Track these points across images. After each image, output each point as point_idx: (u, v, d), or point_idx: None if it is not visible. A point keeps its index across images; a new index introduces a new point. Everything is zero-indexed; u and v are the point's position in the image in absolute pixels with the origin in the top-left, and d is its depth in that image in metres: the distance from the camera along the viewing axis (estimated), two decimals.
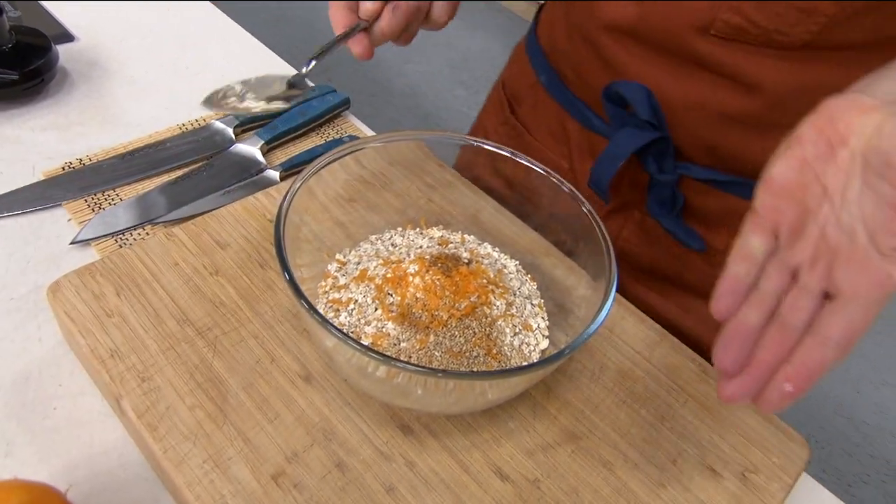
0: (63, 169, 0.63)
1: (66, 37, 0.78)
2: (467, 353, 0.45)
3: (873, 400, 1.77)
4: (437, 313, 0.46)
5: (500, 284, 0.50)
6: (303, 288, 0.40)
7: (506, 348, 0.47)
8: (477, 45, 2.74)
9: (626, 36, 0.55)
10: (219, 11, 0.90)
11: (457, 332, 0.46)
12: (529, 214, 0.56)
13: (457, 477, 0.43)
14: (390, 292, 0.47)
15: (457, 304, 0.46)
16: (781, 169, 0.33)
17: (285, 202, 0.44)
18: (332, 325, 0.38)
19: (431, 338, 0.45)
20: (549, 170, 0.52)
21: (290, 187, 0.46)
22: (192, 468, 0.40)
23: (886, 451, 1.69)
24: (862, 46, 0.48)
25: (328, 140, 0.72)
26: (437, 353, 0.45)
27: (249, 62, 0.82)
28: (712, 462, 0.47)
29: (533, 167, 0.52)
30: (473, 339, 0.46)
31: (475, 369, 0.45)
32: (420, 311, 0.46)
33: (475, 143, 0.54)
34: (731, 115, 0.53)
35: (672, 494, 0.45)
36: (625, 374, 0.51)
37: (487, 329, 0.47)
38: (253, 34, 0.88)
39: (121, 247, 0.57)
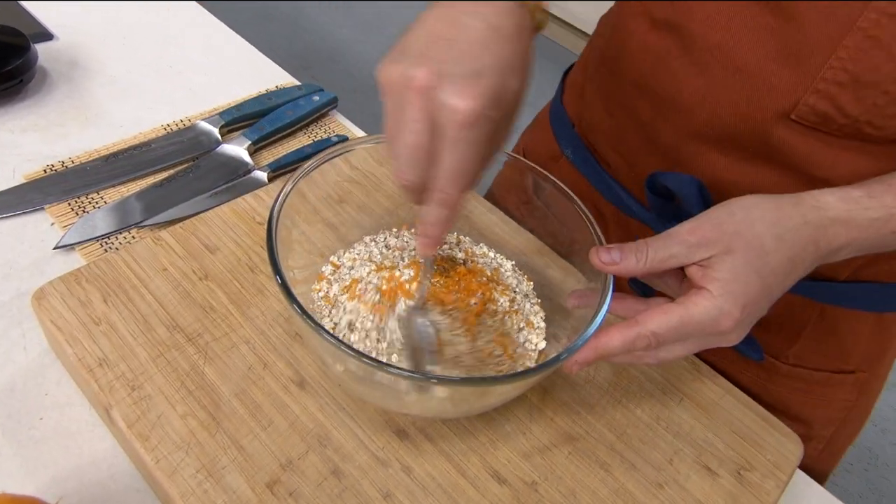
0: (44, 171, 0.61)
1: (45, 35, 0.76)
2: (489, 352, 0.45)
3: None
4: (452, 311, 0.45)
5: (500, 282, 0.50)
6: (296, 291, 0.39)
7: (519, 348, 0.47)
8: None
9: (688, 119, 0.50)
10: (202, 9, 0.88)
11: (480, 330, 0.45)
12: (525, 217, 0.55)
13: (454, 481, 0.43)
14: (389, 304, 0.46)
15: (469, 301, 0.46)
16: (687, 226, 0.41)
17: (276, 206, 0.44)
18: (324, 329, 0.37)
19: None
20: (550, 175, 0.50)
21: (282, 190, 0.45)
22: (185, 478, 0.40)
23: (867, 440, 1.71)
24: None
25: (316, 140, 0.72)
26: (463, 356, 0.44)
27: (234, 60, 0.81)
28: (708, 461, 0.47)
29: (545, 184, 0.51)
30: (493, 335, 0.46)
31: (495, 370, 0.45)
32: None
33: None
34: None
35: (669, 494, 0.45)
36: (619, 374, 0.51)
37: (500, 325, 0.46)
38: (236, 32, 0.86)
39: (106, 251, 0.56)
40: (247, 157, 0.66)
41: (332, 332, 0.41)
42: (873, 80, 0.42)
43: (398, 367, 0.37)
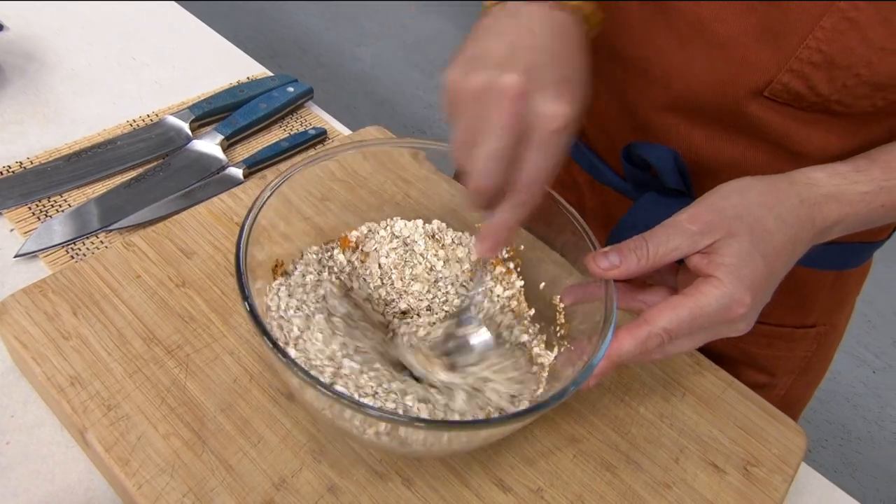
0: (1, 173, 0.57)
1: None
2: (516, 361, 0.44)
3: None
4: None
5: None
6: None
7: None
8: (430, 26, 2.69)
9: (664, 90, 0.50)
10: None
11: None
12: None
13: (457, 493, 0.41)
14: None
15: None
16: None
17: (248, 222, 0.40)
18: (298, 365, 0.33)
19: None
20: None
21: (257, 199, 0.42)
22: (170, 503, 0.37)
23: (841, 416, 1.75)
24: None
25: (292, 133, 0.68)
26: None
27: (201, 51, 0.77)
28: (714, 457, 0.46)
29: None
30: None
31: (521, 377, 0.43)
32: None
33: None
34: None
35: (678, 495, 0.44)
36: (620, 372, 0.50)
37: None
38: (198, 19, 0.82)
39: (73, 258, 0.52)
40: (220, 154, 0.63)
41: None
42: (846, 62, 0.42)
43: (378, 410, 0.34)
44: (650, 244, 0.39)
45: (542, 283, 0.49)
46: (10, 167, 0.58)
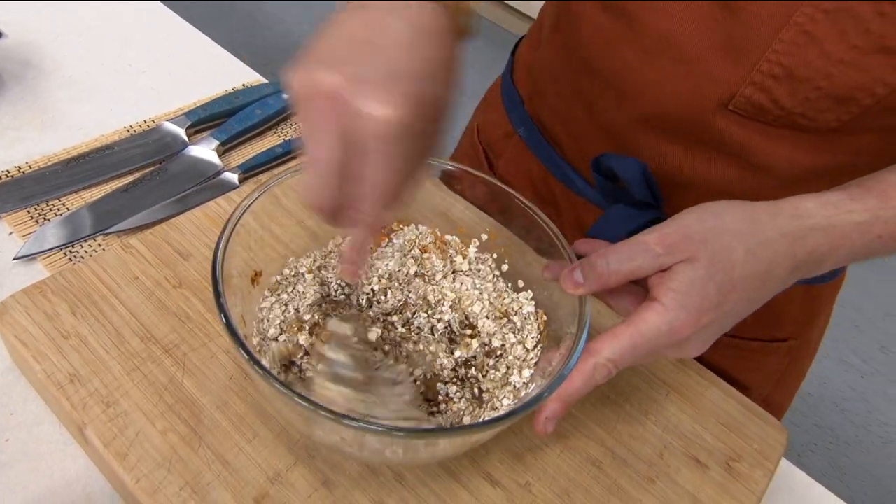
0: (0, 178, 0.58)
1: None
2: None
3: (816, 372, 1.85)
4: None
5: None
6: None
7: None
8: None
9: (633, 104, 0.51)
10: (159, 4, 0.85)
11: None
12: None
13: (447, 486, 0.42)
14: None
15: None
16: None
17: (226, 232, 0.41)
18: (276, 377, 0.35)
19: None
20: (522, 199, 0.48)
21: (243, 201, 0.43)
22: (168, 497, 0.38)
23: (830, 421, 1.77)
24: (879, 131, 0.46)
25: (286, 139, 0.70)
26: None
27: (197, 58, 0.78)
28: (697, 453, 0.47)
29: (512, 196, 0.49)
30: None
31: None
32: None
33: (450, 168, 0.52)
34: (735, 194, 0.44)
35: (661, 489, 0.45)
36: None
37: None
38: (192, 26, 0.83)
39: (71, 261, 0.53)
40: (216, 159, 0.64)
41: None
42: (806, 75, 0.43)
43: (357, 420, 0.34)
44: (612, 263, 0.39)
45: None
46: (8, 172, 0.59)
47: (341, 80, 0.30)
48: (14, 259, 0.52)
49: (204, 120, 0.67)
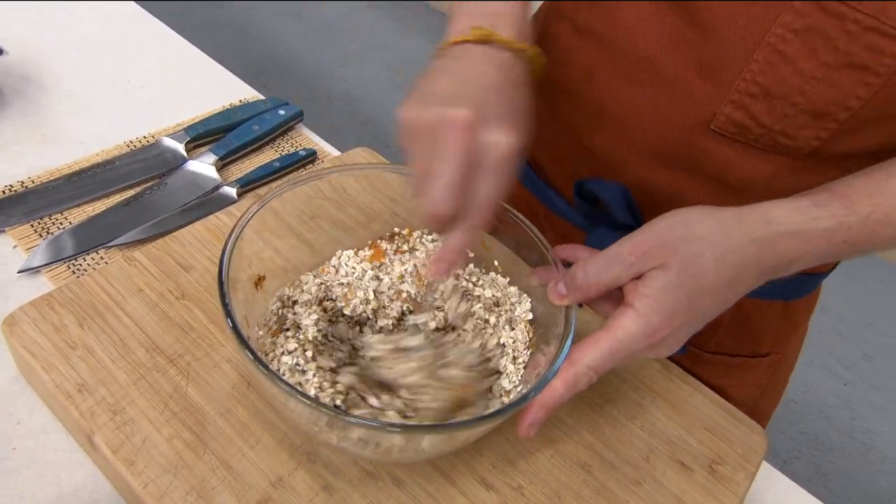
0: (3, 193, 0.59)
1: None
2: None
3: (800, 380, 1.88)
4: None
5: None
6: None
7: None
8: (413, 48, 2.74)
9: (616, 127, 0.52)
10: (157, 21, 0.87)
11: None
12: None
13: (444, 491, 0.44)
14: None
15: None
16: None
17: (231, 239, 0.43)
18: (280, 377, 0.36)
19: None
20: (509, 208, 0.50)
21: (241, 218, 0.45)
22: (174, 501, 0.39)
23: (814, 427, 1.80)
24: (861, 155, 0.47)
25: (283, 154, 0.71)
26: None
27: (194, 74, 0.80)
28: (682, 456, 0.49)
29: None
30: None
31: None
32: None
33: None
34: None
35: (648, 491, 0.47)
36: None
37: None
38: (184, 39, 0.85)
39: (74, 273, 0.55)
40: (214, 174, 0.66)
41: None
42: (781, 92, 0.44)
43: (355, 417, 0.37)
44: (590, 275, 0.41)
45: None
46: (11, 186, 0.60)
47: (472, 114, 0.37)
48: (18, 272, 0.53)
49: (202, 135, 0.69)
